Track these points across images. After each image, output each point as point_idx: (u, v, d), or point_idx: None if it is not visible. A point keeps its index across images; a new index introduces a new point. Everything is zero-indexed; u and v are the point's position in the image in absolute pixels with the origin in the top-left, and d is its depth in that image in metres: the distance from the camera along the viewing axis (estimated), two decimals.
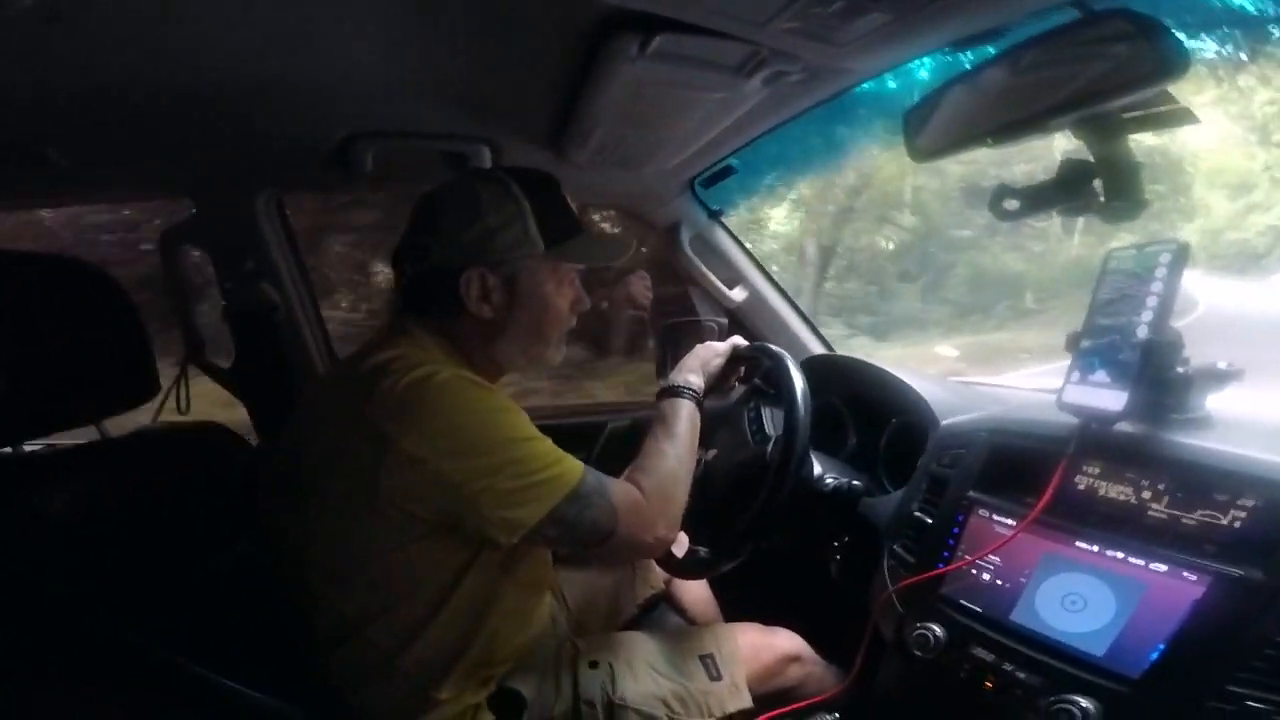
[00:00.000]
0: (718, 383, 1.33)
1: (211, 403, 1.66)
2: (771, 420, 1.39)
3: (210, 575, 1.05)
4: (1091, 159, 0.80)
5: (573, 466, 0.99)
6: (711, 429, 1.41)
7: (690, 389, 1.23)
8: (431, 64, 1.16)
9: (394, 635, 0.99)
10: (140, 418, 1.26)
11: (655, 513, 1.04)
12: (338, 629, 0.99)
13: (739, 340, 1.37)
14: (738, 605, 1.55)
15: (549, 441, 0.99)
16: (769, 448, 1.30)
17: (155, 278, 1.66)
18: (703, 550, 1.29)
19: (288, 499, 0.99)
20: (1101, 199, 0.80)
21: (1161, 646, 0.78)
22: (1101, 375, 0.91)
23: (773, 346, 1.31)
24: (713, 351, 1.33)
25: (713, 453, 1.42)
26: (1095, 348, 0.93)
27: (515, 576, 1.07)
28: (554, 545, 1.09)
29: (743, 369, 1.38)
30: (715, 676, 1.18)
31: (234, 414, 1.69)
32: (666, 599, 1.57)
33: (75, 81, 1.06)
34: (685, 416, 1.18)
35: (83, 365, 1.05)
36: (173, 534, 1.03)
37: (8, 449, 1.02)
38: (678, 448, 1.13)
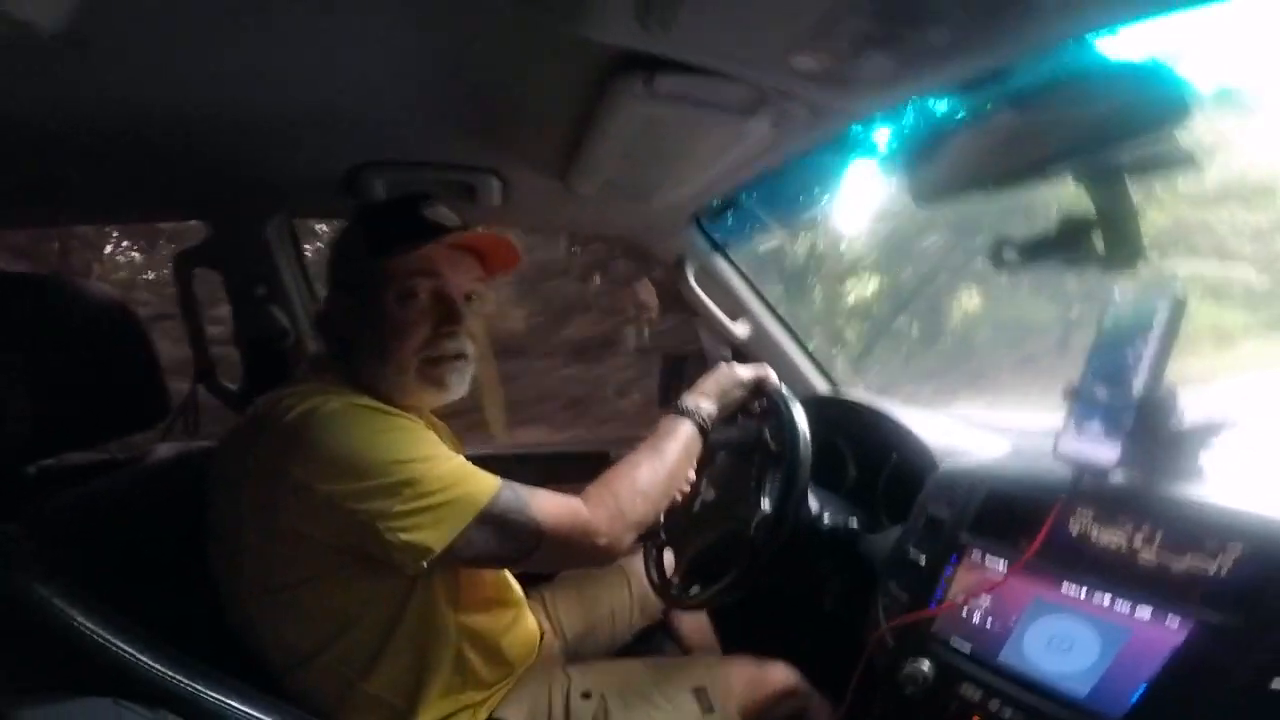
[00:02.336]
0: (732, 415, 1.30)
1: None
2: (771, 480, 1.27)
3: (212, 593, 1.06)
4: (1090, 210, 0.80)
5: (482, 486, 0.94)
6: (711, 464, 1.41)
7: (698, 414, 1.19)
8: (442, 95, 1.17)
9: (349, 663, 0.98)
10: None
11: (598, 520, 0.99)
12: (290, 658, 0.98)
13: (770, 374, 1.32)
14: (735, 636, 1.55)
15: (456, 461, 0.95)
16: (764, 507, 1.21)
17: None
18: (698, 586, 1.29)
19: (216, 539, 1.00)
20: (1101, 250, 0.80)
21: (1143, 688, 0.78)
22: (1096, 427, 0.92)
23: (795, 408, 1.24)
24: (735, 380, 1.28)
25: (711, 493, 1.41)
26: (1091, 399, 0.95)
27: (470, 596, 1.07)
28: (476, 566, 1.05)
29: (758, 406, 1.32)
30: (709, 709, 1.18)
31: None
32: (664, 628, 1.57)
33: (98, 106, 1.07)
34: (680, 438, 1.15)
35: (92, 386, 1.05)
36: (176, 552, 1.03)
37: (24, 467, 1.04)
38: (655, 464, 1.09)
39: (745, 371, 1.29)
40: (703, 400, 1.22)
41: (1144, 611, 0.82)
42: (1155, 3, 0.78)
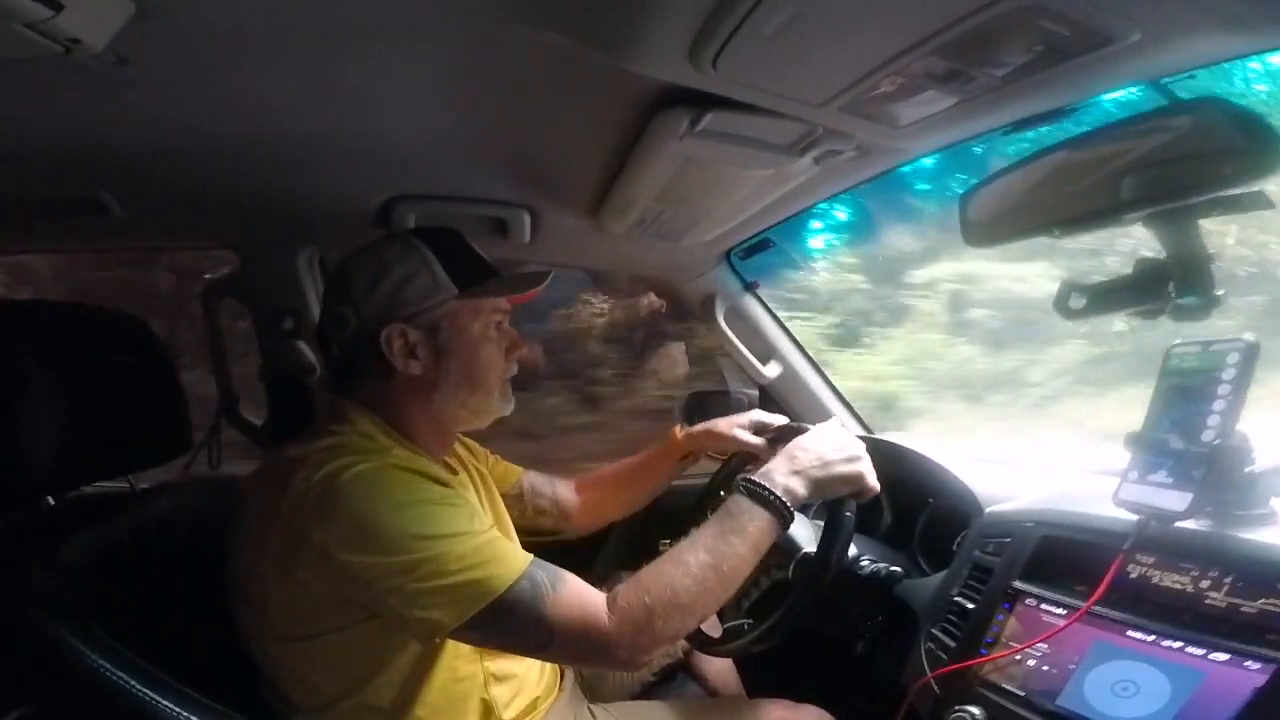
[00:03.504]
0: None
1: None
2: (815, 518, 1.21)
3: (226, 632, 1.03)
4: (1166, 256, 0.78)
5: (503, 571, 0.88)
6: None
7: (782, 500, 0.99)
8: (478, 130, 1.18)
9: (376, 710, 0.95)
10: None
11: (619, 635, 0.88)
12: (314, 703, 0.95)
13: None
14: (761, 679, 1.51)
15: (483, 538, 0.90)
16: (805, 547, 1.18)
17: None
18: (728, 628, 1.25)
19: (238, 586, 0.97)
20: (1174, 297, 0.78)
21: None
22: (1163, 476, 0.90)
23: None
24: (847, 453, 1.06)
25: None
26: (1156, 448, 0.92)
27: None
28: (480, 645, 0.99)
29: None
30: None
31: None
32: (686, 668, 1.52)
33: (135, 129, 1.08)
34: (749, 536, 0.97)
35: (118, 418, 1.03)
36: (197, 591, 1.01)
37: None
38: (706, 571, 0.93)
39: (857, 446, 1.09)
40: (795, 481, 1.02)
41: (1219, 655, 0.78)
42: (1237, 48, 0.77)
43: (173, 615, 0.97)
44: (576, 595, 0.90)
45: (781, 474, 1.01)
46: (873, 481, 1.05)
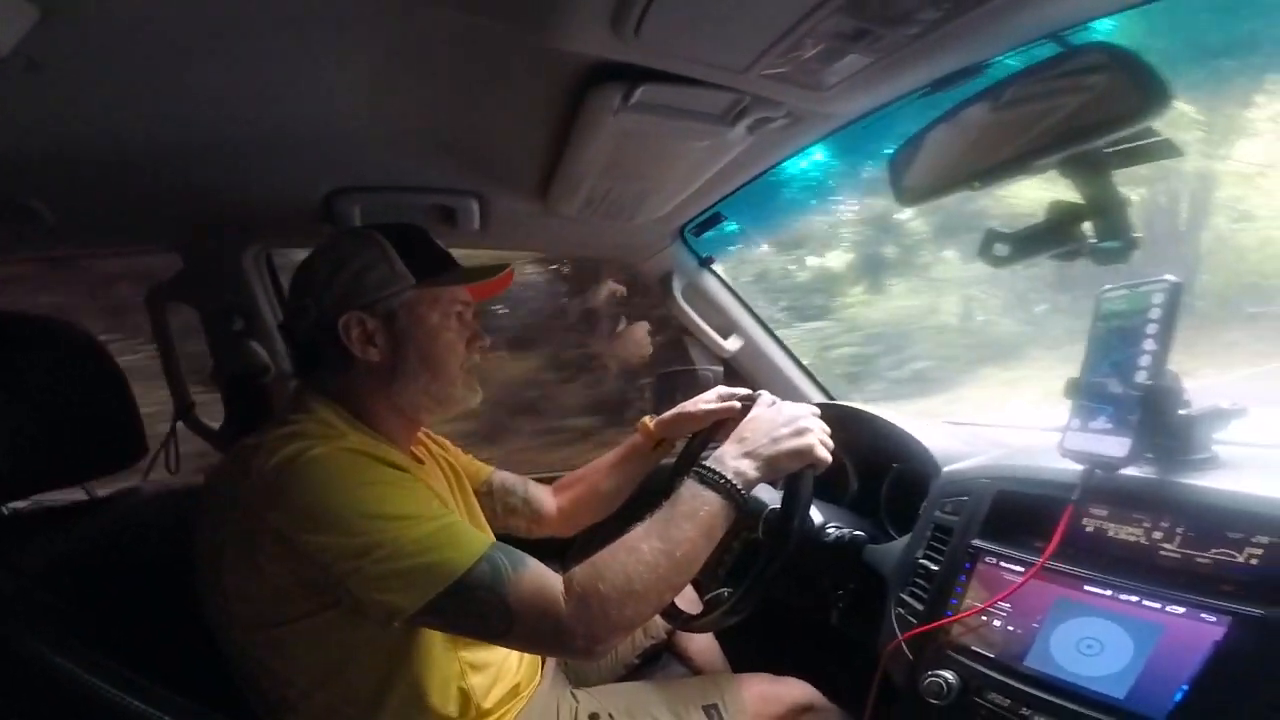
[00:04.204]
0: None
1: None
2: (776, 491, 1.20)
3: (197, 634, 1.02)
4: (1080, 200, 0.79)
5: (461, 554, 0.87)
6: None
7: (732, 483, 0.99)
8: (417, 118, 1.17)
9: (352, 702, 0.95)
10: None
11: (573, 622, 0.87)
12: (287, 697, 0.95)
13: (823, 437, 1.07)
14: (744, 654, 1.52)
15: (442, 521, 0.90)
16: (770, 502, 1.19)
17: None
18: (709, 598, 1.25)
19: (202, 578, 0.97)
20: (1092, 241, 0.78)
21: (1185, 688, 0.75)
22: (1103, 421, 0.90)
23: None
24: (794, 426, 1.05)
25: None
26: (1094, 393, 0.92)
27: None
28: (450, 633, 0.99)
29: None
30: None
31: None
32: (670, 648, 1.53)
33: (59, 134, 1.06)
34: (701, 522, 0.96)
35: (68, 426, 1.02)
36: (159, 595, 1.00)
37: None
38: (660, 558, 0.92)
39: (809, 418, 1.08)
40: (746, 463, 1.01)
41: (1176, 607, 0.79)
42: None
43: (135, 618, 0.96)
44: (537, 580, 0.90)
45: (732, 457, 1.01)
46: (823, 453, 1.04)
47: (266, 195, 1.39)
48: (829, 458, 1.05)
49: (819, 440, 1.04)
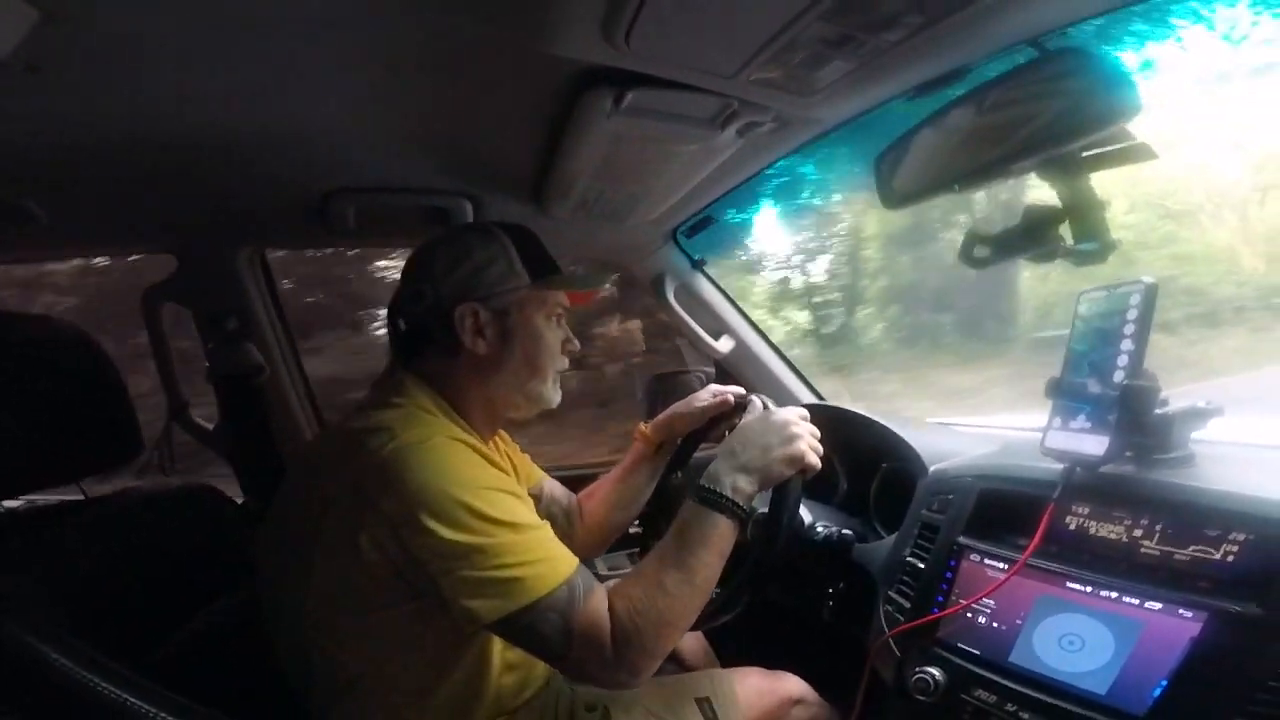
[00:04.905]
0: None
1: None
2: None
3: (196, 633, 1.03)
4: (1057, 203, 0.80)
5: (552, 572, 0.89)
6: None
7: (734, 502, 0.98)
8: (412, 120, 1.17)
9: (400, 693, 0.96)
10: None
11: (622, 658, 0.89)
12: (339, 683, 0.96)
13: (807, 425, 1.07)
14: (733, 651, 1.52)
15: (542, 533, 0.92)
16: (758, 508, 1.18)
17: None
18: None
19: (283, 557, 0.98)
20: (1070, 242, 0.80)
21: (1164, 683, 0.76)
22: (1082, 420, 0.92)
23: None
24: (784, 434, 1.03)
25: None
26: (1074, 393, 0.94)
27: None
28: (507, 640, 0.98)
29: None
30: (712, 719, 1.16)
31: None
32: None
33: (55, 135, 1.06)
34: (713, 545, 0.96)
35: (62, 425, 1.02)
36: (156, 593, 1.01)
37: None
38: (686, 584, 0.93)
39: (799, 424, 1.06)
40: (741, 479, 1.00)
41: (1154, 604, 0.81)
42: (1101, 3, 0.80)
43: (131, 617, 0.96)
44: (598, 613, 0.90)
45: (726, 472, 1.00)
46: (813, 458, 1.03)
47: (261, 197, 1.39)
48: (819, 462, 1.05)
49: (809, 446, 1.04)
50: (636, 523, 1.58)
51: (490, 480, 0.92)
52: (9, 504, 1.06)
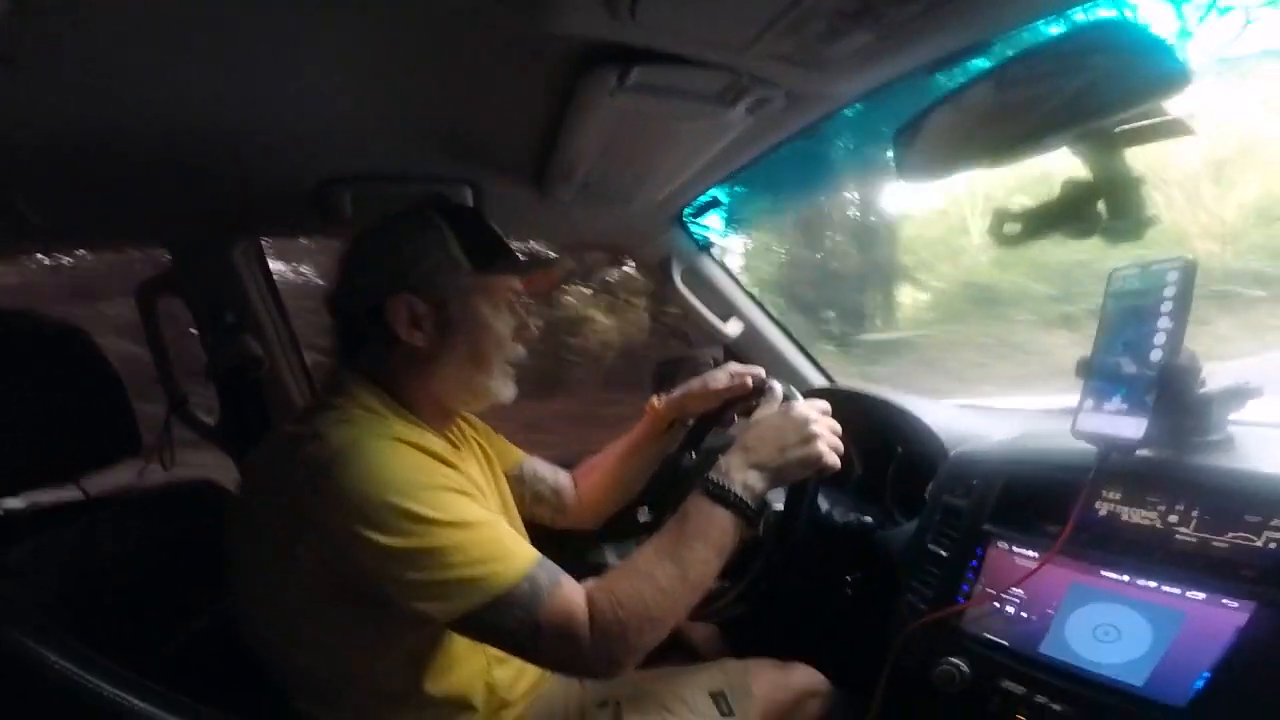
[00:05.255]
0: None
1: None
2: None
3: (198, 632, 1.03)
4: (1092, 178, 0.78)
5: (507, 569, 0.86)
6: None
7: (742, 498, 0.96)
8: (408, 105, 1.15)
9: (384, 695, 0.95)
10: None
11: (599, 648, 0.87)
12: (319, 688, 0.94)
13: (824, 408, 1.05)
14: (748, 641, 1.51)
15: (492, 532, 0.89)
16: (773, 505, 1.15)
17: None
18: (710, 596, 1.24)
19: (242, 565, 0.96)
20: (1105, 218, 0.77)
21: (1207, 674, 0.74)
22: (1117, 402, 0.89)
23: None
24: (802, 434, 1.00)
25: None
26: (1108, 373, 0.91)
27: None
28: (466, 637, 0.96)
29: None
30: (727, 713, 1.15)
31: None
32: (674, 637, 1.52)
33: (37, 129, 1.04)
34: (712, 540, 0.94)
35: (59, 422, 1.02)
36: (157, 592, 1.00)
37: None
38: (678, 579, 0.92)
39: (810, 412, 1.04)
40: (752, 475, 0.98)
41: (1196, 593, 0.78)
42: None
43: (130, 616, 0.96)
44: (568, 605, 0.88)
45: (738, 468, 0.98)
46: (832, 459, 1.01)
47: (256, 187, 1.37)
48: (838, 463, 1.02)
49: (828, 447, 1.01)
50: (647, 510, 1.56)
51: (430, 479, 0.88)
52: (8, 504, 1.05)
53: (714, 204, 1.70)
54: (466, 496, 0.91)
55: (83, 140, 1.09)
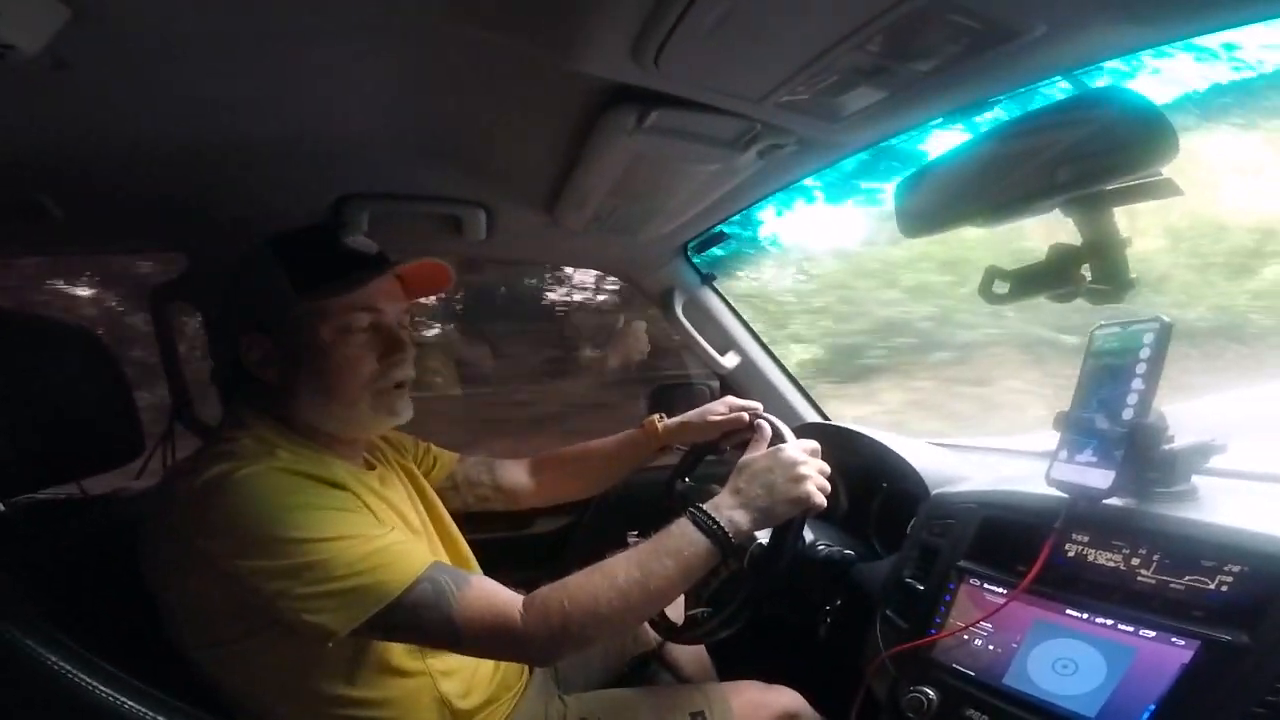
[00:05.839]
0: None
1: None
2: None
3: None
4: (1079, 241, 0.81)
5: (399, 574, 0.87)
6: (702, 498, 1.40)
7: (724, 531, 0.97)
8: (431, 129, 1.18)
9: (318, 714, 0.95)
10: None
11: (532, 634, 0.89)
12: (254, 708, 0.94)
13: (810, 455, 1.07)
14: (731, 664, 1.53)
15: (379, 543, 0.89)
16: (759, 538, 1.15)
17: None
18: (695, 620, 1.27)
19: (158, 598, 0.95)
20: (1089, 281, 0.81)
21: (1152, 708, 0.78)
22: (1088, 454, 0.93)
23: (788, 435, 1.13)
24: (792, 474, 1.02)
25: None
26: (1083, 428, 0.96)
27: None
28: (385, 641, 0.96)
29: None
30: None
31: None
32: (658, 656, 1.54)
33: (76, 132, 1.07)
34: (683, 560, 0.95)
35: (65, 423, 1.02)
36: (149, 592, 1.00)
37: None
38: (632, 588, 0.92)
39: (807, 457, 1.05)
40: (740, 513, 0.99)
41: (1148, 631, 0.82)
42: (1138, 40, 0.82)
43: (125, 619, 0.96)
44: (485, 596, 0.90)
45: (728, 506, 1.00)
46: (819, 499, 1.02)
47: (276, 199, 1.40)
48: (825, 502, 1.04)
49: (815, 487, 1.03)
50: (635, 534, 1.59)
51: (304, 500, 0.88)
52: (7, 501, 1.05)
53: (720, 238, 1.73)
54: (348, 513, 0.91)
55: (117, 144, 1.12)
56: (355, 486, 0.98)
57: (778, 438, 1.11)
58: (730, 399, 1.35)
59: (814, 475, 1.03)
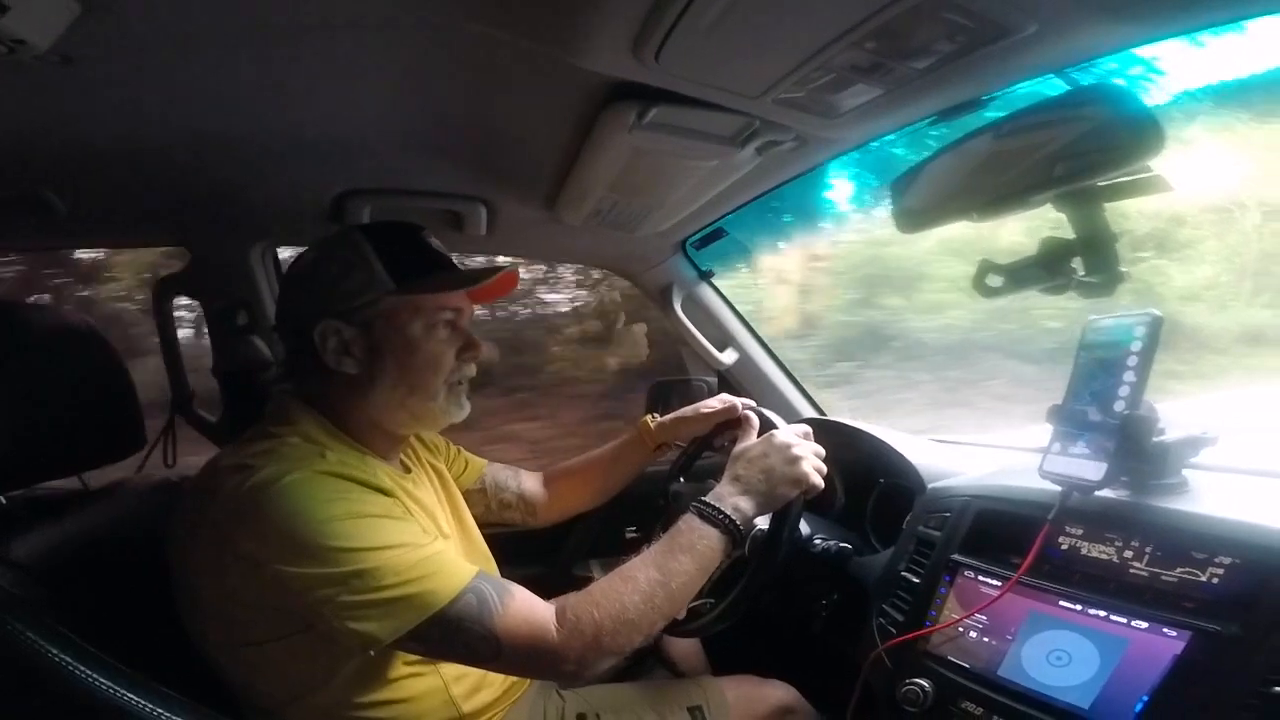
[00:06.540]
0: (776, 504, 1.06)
1: None
2: None
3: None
4: (1071, 235, 0.82)
5: (445, 585, 0.87)
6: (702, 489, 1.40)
7: (732, 519, 1.00)
8: (432, 124, 1.19)
9: (332, 716, 0.95)
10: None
11: (567, 649, 0.89)
12: (265, 710, 0.95)
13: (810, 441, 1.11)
14: (727, 659, 1.54)
15: (426, 552, 0.89)
16: (758, 524, 1.17)
17: None
18: (692, 607, 1.28)
19: (182, 588, 0.95)
20: (1080, 275, 0.82)
21: (1145, 698, 0.79)
22: (1081, 447, 0.95)
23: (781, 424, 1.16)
24: (788, 455, 1.05)
25: None
26: (1076, 420, 0.97)
27: None
28: (423, 656, 0.96)
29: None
30: None
31: None
32: (655, 652, 1.55)
33: (81, 127, 1.07)
34: (698, 554, 0.98)
35: (67, 417, 1.02)
36: (156, 587, 0.99)
37: None
38: (656, 589, 0.94)
39: (804, 444, 1.08)
40: (742, 501, 1.03)
41: (1140, 622, 0.83)
42: (1127, 37, 0.83)
43: (127, 612, 0.96)
44: (525, 608, 0.90)
45: (730, 494, 1.03)
46: (816, 479, 1.05)
47: (278, 194, 1.41)
48: (821, 483, 1.06)
49: (812, 466, 1.06)
50: (634, 529, 1.60)
51: (356, 508, 0.88)
52: (8, 494, 1.05)
53: (718, 234, 1.74)
54: (397, 520, 0.91)
55: (121, 139, 1.12)
56: (398, 492, 0.98)
57: (768, 425, 1.14)
58: (724, 395, 1.37)
59: (809, 456, 1.06)
